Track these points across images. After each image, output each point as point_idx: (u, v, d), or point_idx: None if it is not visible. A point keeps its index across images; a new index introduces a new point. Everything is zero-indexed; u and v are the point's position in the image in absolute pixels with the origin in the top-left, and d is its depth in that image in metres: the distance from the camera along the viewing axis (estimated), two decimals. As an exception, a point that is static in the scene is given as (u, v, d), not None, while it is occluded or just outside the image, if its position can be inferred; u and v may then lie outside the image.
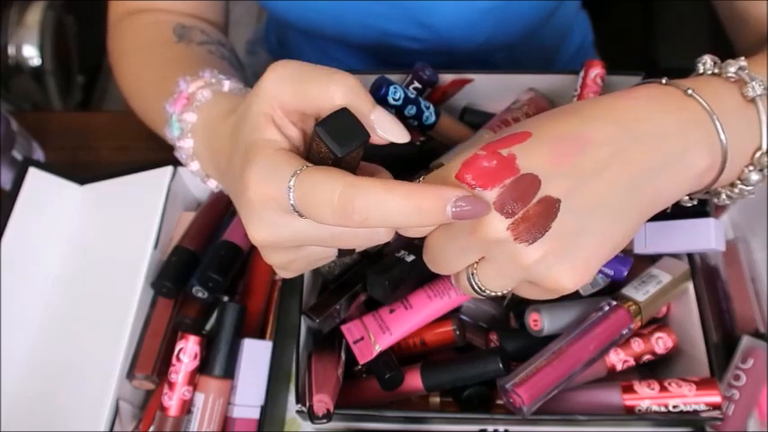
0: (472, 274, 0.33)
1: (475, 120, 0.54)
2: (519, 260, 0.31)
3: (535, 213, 0.30)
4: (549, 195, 0.30)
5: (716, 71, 0.37)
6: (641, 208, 0.33)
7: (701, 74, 0.37)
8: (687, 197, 0.38)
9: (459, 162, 0.32)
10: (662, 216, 0.47)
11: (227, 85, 0.44)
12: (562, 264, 0.31)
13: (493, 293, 0.34)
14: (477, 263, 0.33)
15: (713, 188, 0.37)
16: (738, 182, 0.36)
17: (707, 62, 0.37)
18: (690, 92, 0.34)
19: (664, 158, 0.33)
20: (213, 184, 0.44)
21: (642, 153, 0.32)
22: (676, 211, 0.41)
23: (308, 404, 0.42)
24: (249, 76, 0.90)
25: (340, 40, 0.68)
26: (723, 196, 0.38)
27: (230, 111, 0.39)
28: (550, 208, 0.30)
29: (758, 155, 0.35)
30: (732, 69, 0.36)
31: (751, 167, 0.36)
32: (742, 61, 0.36)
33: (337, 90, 0.31)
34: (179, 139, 0.43)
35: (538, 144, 0.32)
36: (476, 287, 0.33)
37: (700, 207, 0.46)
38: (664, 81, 0.36)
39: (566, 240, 0.31)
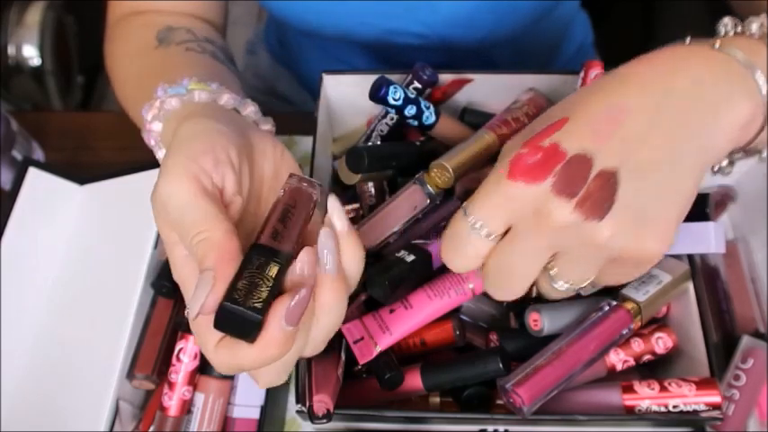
0: (551, 276, 0.33)
1: (475, 120, 0.54)
2: (594, 239, 0.30)
3: (596, 188, 0.30)
4: (604, 169, 0.30)
5: (738, 30, 0.36)
6: (694, 160, 0.32)
7: (723, 36, 0.36)
8: (726, 161, 0.37)
9: (506, 165, 0.31)
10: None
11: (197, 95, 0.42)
12: (640, 229, 0.31)
13: (581, 285, 0.33)
14: (551, 263, 0.32)
15: (754, 145, 0.36)
16: None
17: (728, 24, 0.37)
18: (717, 46, 0.34)
19: (704, 109, 0.32)
20: None
21: (681, 108, 0.32)
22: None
23: (307, 404, 0.42)
24: (249, 76, 0.90)
25: (340, 39, 0.68)
26: (765, 153, 0.37)
27: (184, 117, 0.39)
28: (609, 180, 0.30)
29: None
30: (755, 26, 0.35)
31: None
32: (763, 18, 0.35)
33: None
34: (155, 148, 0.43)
35: (577, 126, 0.32)
36: (560, 287, 0.33)
37: (700, 210, 0.46)
38: (687, 41, 0.35)
39: (634, 207, 0.30)
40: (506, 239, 0.32)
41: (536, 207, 0.31)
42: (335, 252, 0.32)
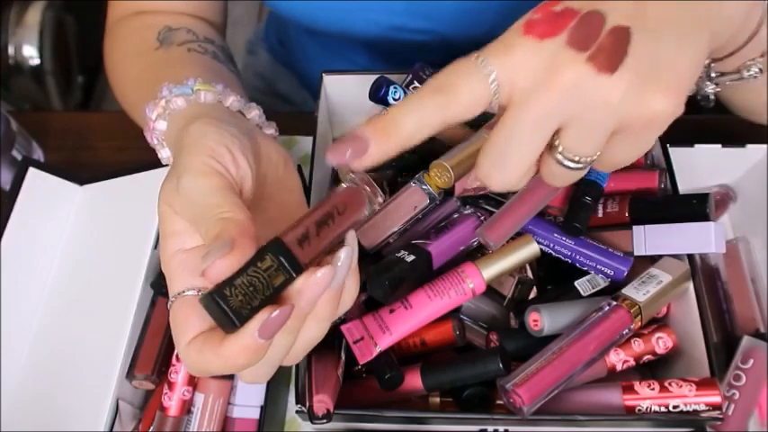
0: (557, 152, 0.32)
1: (475, 120, 0.54)
2: (606, 97, 0.30)
3: (609, 42, 0.30)
4: (616, 26, 0.30)
5: None
6: (704, 21, 0.33)
7: None
8: (711, 86, 0.39)
9: (521, 25, 0.32)
10: (662, 219, 0.47)
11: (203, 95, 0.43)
12: (651, 85, 0.30)
13: (587, 159, 0.32)
14: (556, 140, 0.32)
15: (747, 63, 0.37)
16: None
17: None
18: None
19: None
20: None
21: None
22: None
23: (308, 404, 0.42)
24: (249, 76, 0.90)
25: (344, 36, 0.68)
26: (754, 69, 0.38)
27: (192, 117, 0.39)
28: (622, 34, 0.30)
29: None
30: None
31: None
32: None
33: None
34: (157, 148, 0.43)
35: None
36: (567, 164, 0.32)
37: (700, 210, 0.46)
38: None
39: (646, 63, 0.30)
40: (510, 108, 0.32)
41: (548, 62, 0.30)
42: (349, 270, 0.32)
